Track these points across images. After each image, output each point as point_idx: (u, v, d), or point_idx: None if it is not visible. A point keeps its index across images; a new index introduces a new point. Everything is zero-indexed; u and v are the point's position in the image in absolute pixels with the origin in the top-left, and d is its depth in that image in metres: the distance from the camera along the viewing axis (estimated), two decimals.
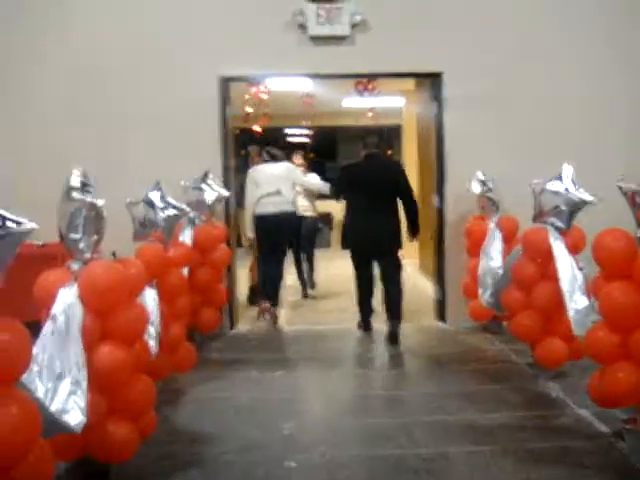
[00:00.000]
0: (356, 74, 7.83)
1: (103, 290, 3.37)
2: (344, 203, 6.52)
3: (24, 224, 2.18)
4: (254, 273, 8.12)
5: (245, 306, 7.82)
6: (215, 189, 6.23)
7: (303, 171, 8.24)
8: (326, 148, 15.59)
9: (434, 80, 6.84)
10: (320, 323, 7.18)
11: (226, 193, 6.46)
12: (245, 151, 8.70)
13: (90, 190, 3.57)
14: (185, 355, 5.01)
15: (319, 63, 6.71)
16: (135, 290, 3.76)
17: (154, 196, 4.94)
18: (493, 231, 5.97)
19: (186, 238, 5.64)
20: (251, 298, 8.09)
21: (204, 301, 5.93)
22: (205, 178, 6.15)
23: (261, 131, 12.30)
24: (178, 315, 4.91)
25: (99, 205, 3.59)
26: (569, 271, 4.52)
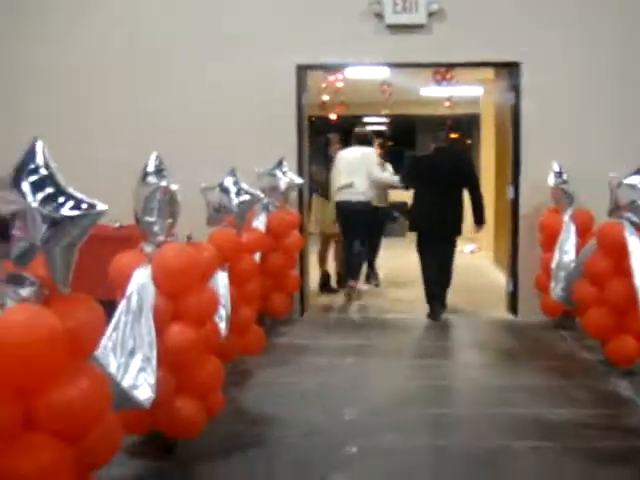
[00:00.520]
0: (433, 63, 7.76)
1: (174, 272, 3.49)
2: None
3: (98, 206, 2.29)
4: (322, 259, 8.23)
5: (316, 293, 7.90)
6: (289, 176, 6.32)
7: (380, 160, 8.25)
8: (405, 136, 15.49)
9: (512, 70, 6.73)
10: (390, 311, 7.20)
11: (300, 180, 6.55)
12: (325, 139, 8.78)
13: (165, 175, 3.69)
14: (254, 338, 5.12)
15: (396, 52, 6.70)
16: (206, 274, 3.87)
17: (228, 182, 5.06)
18: (567, 224, 5.85)
19: (260, 224, 5.76)
20: (322, 286, 8.18)
21: (275, 286, 6.02)
22: (280, 165, 6.26)
23: (337, 119, 12.34)
24: (248, 299, 5.01)
25: (173, 189, 3.71)
26: None
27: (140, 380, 3.14)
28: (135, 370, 3.15)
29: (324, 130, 9.63)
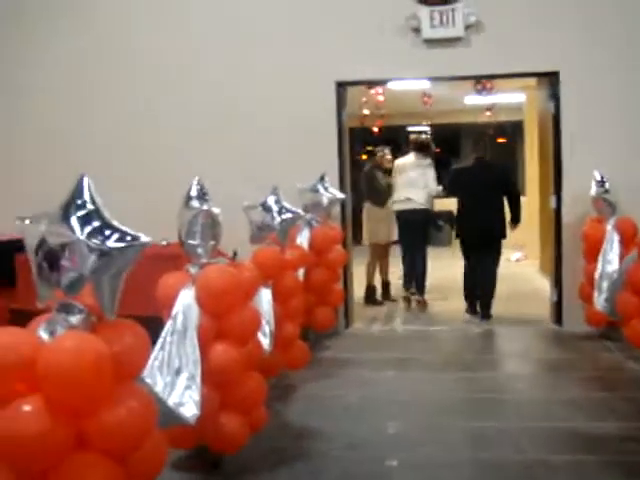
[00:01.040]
0: (472, 76, 7.80)
1: (217, 293, 3.63)
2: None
3: (141, 238, 2.43)
4: (370, 272, 8.32)
5: (361, 305, 7.98)
6: (331, 192, 6.43)
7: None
8: (449, 144, 15.48)
9: (551, 78, 6.73)
10: (433, 323, 7.24)
11: (341, 195, 6.64)
12: (367, 152, 8.94)
13: (207, 198, 3.84)
14: (299, 353, 5.22)
15: (434, 66, 6.76)
16: (249, 293, 3.99)
17: (271, 200, 5.18)
18: (610, 234, 5.82)
19: (303, 239, 5.87)
20: (367, 298, 8.26)
21: (319, 301, 6.10)
22: (321, 181, 6.37)
23: (379, 130, 12.41)
24: (292, 315, 5.12)
25: (215, 213, 3.86)
26: None
27: (186, 398, 3.27)
28: (181, 388, 3.29)
29: (368, 141, 9.71)
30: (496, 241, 7.27)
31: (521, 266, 10.84)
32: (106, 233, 2.39)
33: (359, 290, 8.04)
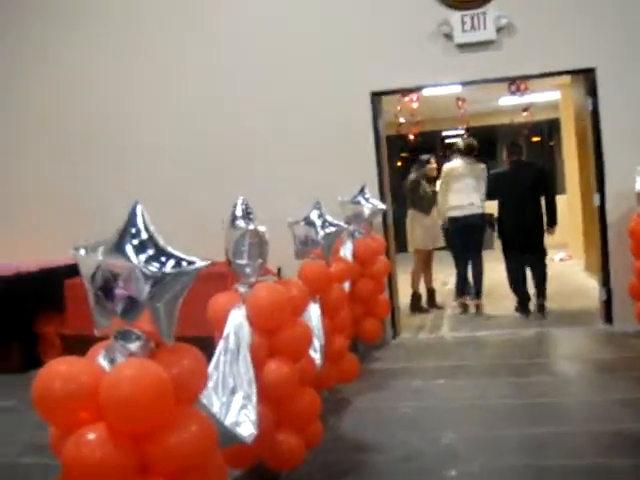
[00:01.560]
0: (506, 78, 7.74)
1: (267, 311, 3.66)
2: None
3: (197, 262, 2.47)
4: (415, 279, 8.29)
5: (407, 313, 7.96)
6: (372, 202, 6.44)
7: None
8: (485, 147, 15.34)
9: (587, 75, 6.66)
10: (482, 329, 7.17)
11: (382, 206, 6.64)
12: (403, 159, 8.94)
13: (252, 218, 3.88)
14: (349, 365, 5.23)
15: (468, 70, 6.75)
16: (298, 309, 4.02)
17: (314, 215, 5.21)
18: None
19: (347, 252, 5.89)
20: (413, 305, 8.24)
21: (366, 312, 6.11)
22: (362, 192, 6.39)
23: (414, 138, 12.39)
24: (340, 328, 5.14)
25: (261, 231, 3.90)
26: None
27: (242, 417, 3.30)
28: (237, 408, 3.32)
29: (404, 149, 9.69)
30: (539, 240, 7.46)
31: (566, 266, 10.71)
32: (162, 260, 2.43)
33: (404, 298, 8.01)
